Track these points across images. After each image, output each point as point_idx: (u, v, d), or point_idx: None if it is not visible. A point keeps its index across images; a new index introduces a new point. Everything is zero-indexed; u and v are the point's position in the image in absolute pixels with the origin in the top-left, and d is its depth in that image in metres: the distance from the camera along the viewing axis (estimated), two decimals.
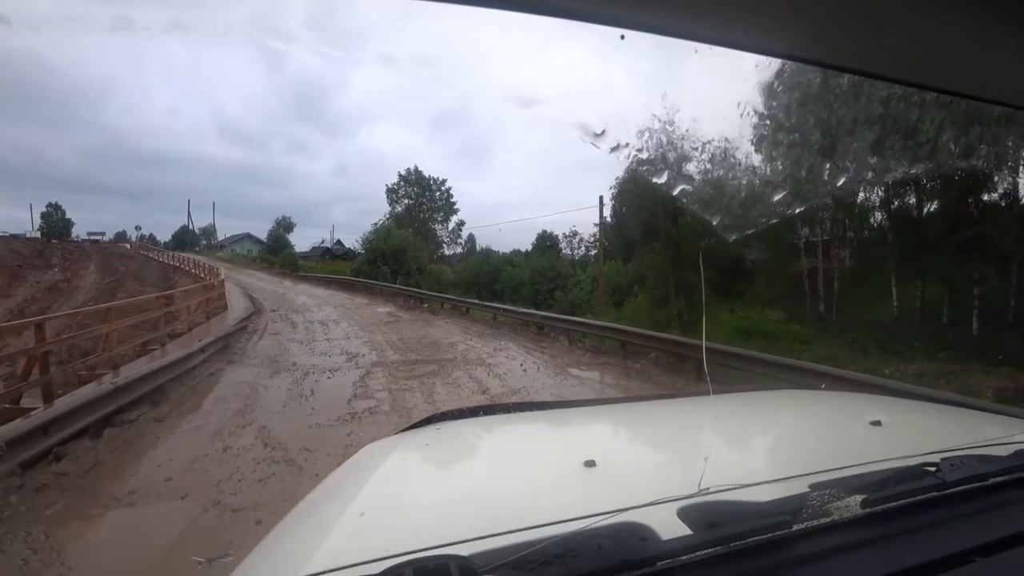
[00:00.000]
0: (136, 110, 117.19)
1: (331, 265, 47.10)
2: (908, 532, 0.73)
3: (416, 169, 51.48)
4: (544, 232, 33.99)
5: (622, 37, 0.57)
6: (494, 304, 17.36)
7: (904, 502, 0.77)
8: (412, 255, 33.25)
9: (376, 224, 36.98)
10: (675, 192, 1.07)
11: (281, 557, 0.85)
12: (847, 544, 0.70)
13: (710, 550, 0.66)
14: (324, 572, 0.66)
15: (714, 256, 15.71)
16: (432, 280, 31.94)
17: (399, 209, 49.48)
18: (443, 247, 51.46)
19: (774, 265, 17.15)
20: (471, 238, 50.96)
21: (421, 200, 51.63)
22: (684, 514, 0.72)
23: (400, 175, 51.22)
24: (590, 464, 0.97)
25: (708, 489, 0.77)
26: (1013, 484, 0.84)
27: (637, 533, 0.66)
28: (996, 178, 12.96)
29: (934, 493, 0.79)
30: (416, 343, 11.55)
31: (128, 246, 47.34)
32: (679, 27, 0.57)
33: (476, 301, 18.31)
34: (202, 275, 21.55)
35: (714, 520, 0.69)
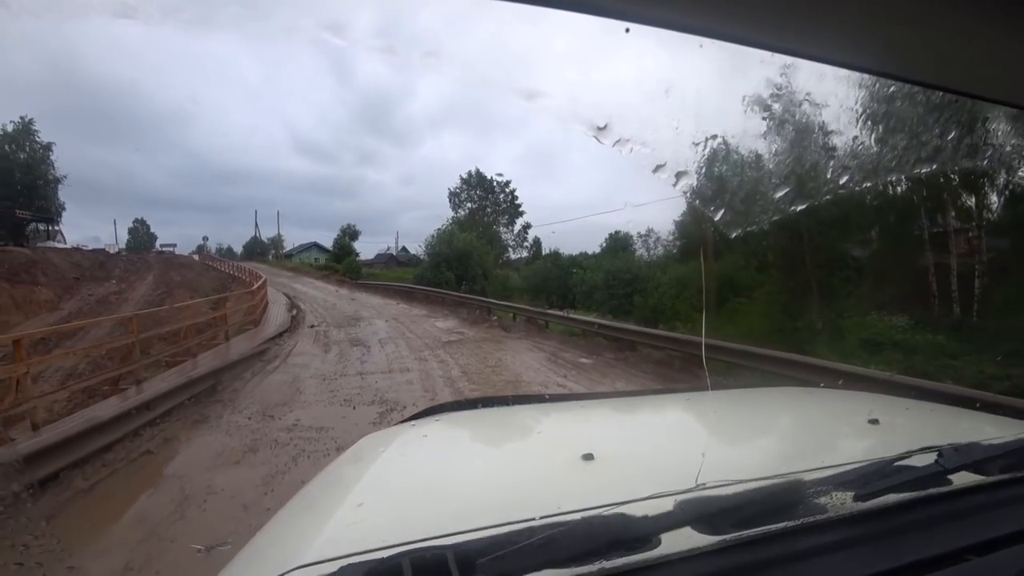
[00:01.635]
0: (218, 130, 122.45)
1: (395, 272, 45.59)
2: (904, 529, 0.73)
3: (477, 171, 49.55)
4: (616, 232, 30.37)
5: (627, 30, 0.58)
6: (580, 317, 13.34)
7: (900, 499, 0.77)
8: (477, 259, 30.97)
9: (439, 229, 34.40)
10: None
11: (279, 546, 0.85)
12: (843, 540, 0.70)
13: (705, 544, 0.66)
14: (322, 562, 0.65)
15: (808, 251, 13.59)
16: (498, 285, 29.79)
17: (462, 214, 47.63)
18: (509, 251, 49.07)
19: (886, 261, 14.29)
20: (536, 241, 48.00)
21: (484, 203, 49.80)
22: (681, 508, 0.72)
23: (462, 178, 49.49)
24: (588, 457, 0.97)
25: (705, 484, 0.77)
26: (1009, 483, 0.85)
27: (634, 526, 0.66)
28: None
29: (931, 490, 0.79)
30: (489, 381, 7.77)
31: (196, 257, 47.27)
32: (684, 21, 0.58)
33: (558, 313, 14.36)
34: (255, 285, 19.38)
35: (710, 515, 0.69)
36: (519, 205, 50.32)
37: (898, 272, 14.25)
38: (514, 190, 50.01)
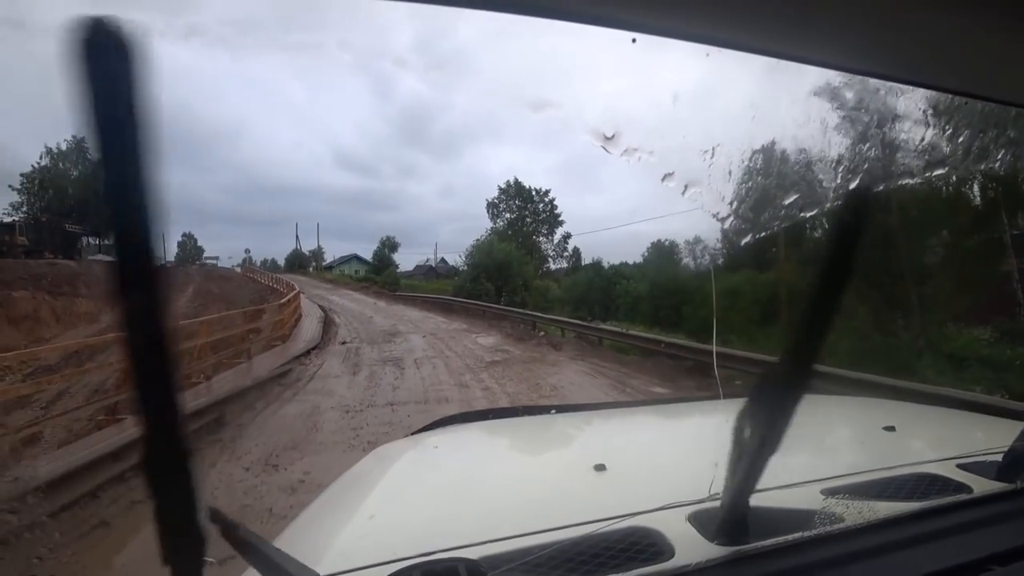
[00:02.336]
0: (264, 147, 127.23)
1: (433, 283, 45.48)
2: (923, 539, 0.71)
3: (516, 181, 49.21)
4: (658, 241, 28.80)
5: (633, 41, 0.59)
6: (642, 334, 11.65)
7: (919, 507, 0.75)
8: (517, 269, 30.31)
9: (478, 240, 33.97)
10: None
11: None
12: (860, 551, 0.68)
13: (720, 555, 0.65)
14: (334, 574, 0.64)
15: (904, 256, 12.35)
16: (538, 297, 29.37)
17: (501, 224, 47.06)
18: (549, 261, 48.01)
19: (964, 266, 12.77)
20: (576, 251, 48.10)
21: (523, 213, 49.08)
22: (695, 519, 0.71)
23: (500, 188, 49.23)
24: (600, 468, 0.96)
25: (719, 494, 0.72)
26: None
27: (647, 538, 0.67)
28: None
29: (950, 498, 0.78)
30: None
31: (239, 269, 47.79)
32: (690, 30, 0.58)
33: (617, 329, 12.68)
34: (284, 298, 18.70)
35: (725, 525, 0.67)
36: (559, 215, 49.46)
37: (978, 279, 12.93)
38: (553, 199, 49.26)
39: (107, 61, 0.36)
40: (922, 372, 9.98)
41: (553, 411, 1.81)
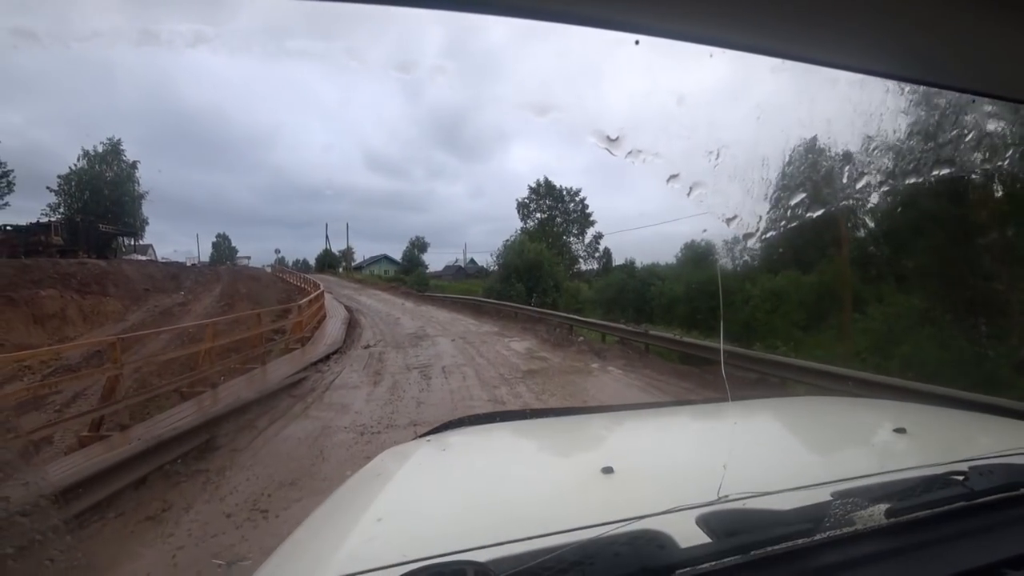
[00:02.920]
0: (297, 150, 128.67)
1: (462, 284, 44.81)
2: (934, 543, 0.70)
3: (546, 180, 48.12)
4: (692, 242, 27.56)
5: (636, 42, 0.59)
6: (700, 342, 10.30)
7: (930, 512, 0.74)
8: (548, 270, 29.36)
9: (508, 241, 33.51)
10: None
11: (299, 561, 0.85)
12: (871, 555, 0.67)
13: (729, 559, 0.64)
14: None
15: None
16: (570, 298, 28.51)
17: (531, 224, 46.29)
18: (580, 262, 46.85)
19: None
20: (607, 252, 46.70)
21: (554, 213, 48.07)
22: (703, 522, 0.70)
23: (530, 188, 48.21)
24: (608, 471, 0.94)
25: (727, 497, 0.75)
26: None
27: (655, 541, 0.65)
28: None
29: (961, 503, 0.76)
30: None
31: (270, 269, 47.84)
32: (693, 31, 0.58)
33: (670, 336, 11.30)
34: (306, 298, 18.03)
35: (734, 528, 0.67)
36: (590, 214, 48.07)
37: None
38: (584, 199, 47.89)
39: None
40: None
41: (564, 410, 1.67)
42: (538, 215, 48.07)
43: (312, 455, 4.88)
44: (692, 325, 18.59)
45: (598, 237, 47.66)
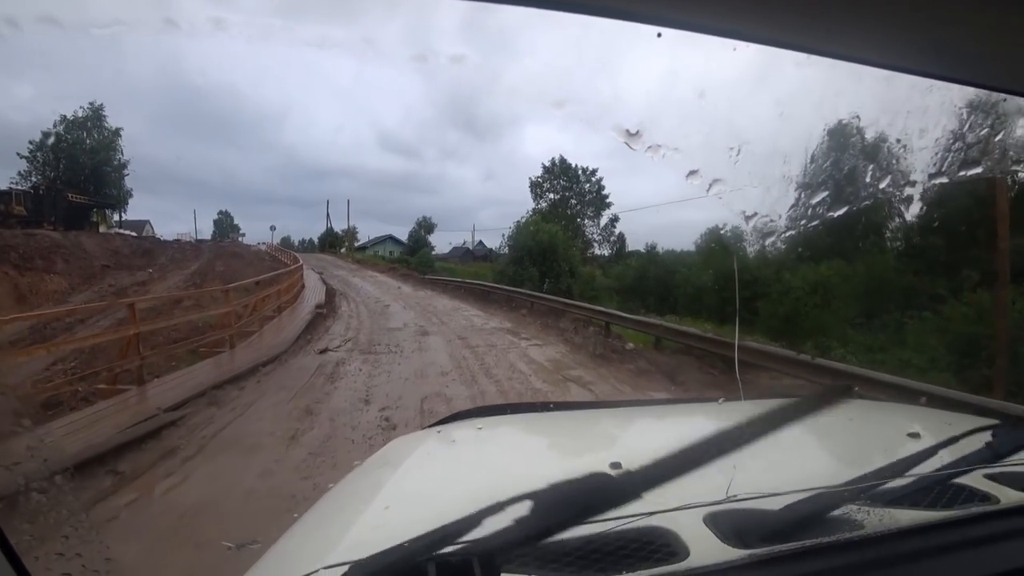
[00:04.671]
0: (308, 129, 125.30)
1: (470, 267, 41.28)
2: (946, 549, 0.68)
3: (561, 159, 44.59)
4: (715, 227, 24.57)
5: (659, 35, 0.58)
6: (839, 366, 6.66)
7: (944, 517, 0.73)
8: (563, 253, 26.54)
9: (520, 220, 30.48)
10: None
11: (307, 546, 0.86)
12: (880, 559, 0.65)
13: (735, 558, 0.64)
14: (348, 563, 0.64)
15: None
16: (584, 285, 25.99)
17: (544, 205, 43.01)
18: (594, 246, 43.45)
19: None
20: (620, 237, 43.13)
21: (568, 193, 44.51)
22: (711, 520, 0.70)
23: (544, 166, 45.25)
24: (616, 466, 0.91)
25: (736, 496, 0.74)
26: None
27: (662, 538, 0.66)
28: None
29: (974, 510, 0.75)
30: None
31: (264, 247, 44.68)
32: (717, 24, 0.57)
33: (789, 353, 7.64)
34: (274, 278, 14.89)
35: (741, 528, 0.67)
36: (606, 196, 44.32)
37: None
38: (601, 179, 44.08)
39: None
40: None
41: (575, 403, 1.72)
42: (551, 195, 44.49)
43: None
44: (723, 318, 16.87)
45: (614, 220, 43.98)
